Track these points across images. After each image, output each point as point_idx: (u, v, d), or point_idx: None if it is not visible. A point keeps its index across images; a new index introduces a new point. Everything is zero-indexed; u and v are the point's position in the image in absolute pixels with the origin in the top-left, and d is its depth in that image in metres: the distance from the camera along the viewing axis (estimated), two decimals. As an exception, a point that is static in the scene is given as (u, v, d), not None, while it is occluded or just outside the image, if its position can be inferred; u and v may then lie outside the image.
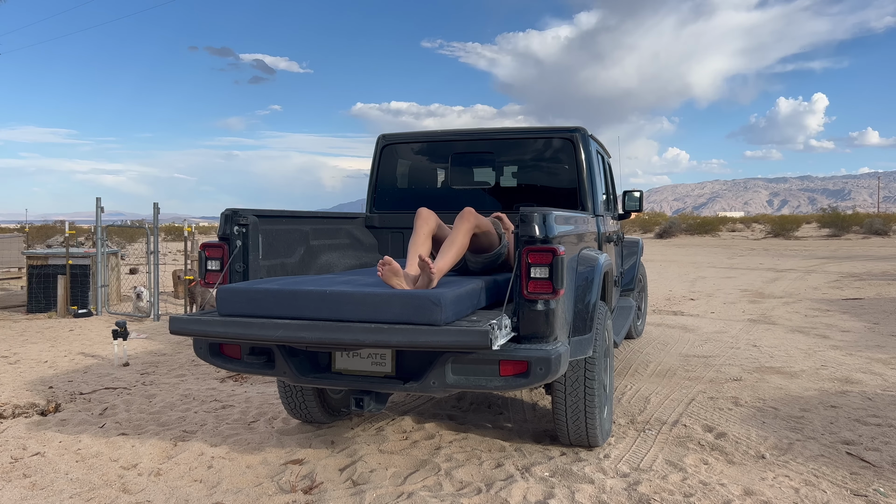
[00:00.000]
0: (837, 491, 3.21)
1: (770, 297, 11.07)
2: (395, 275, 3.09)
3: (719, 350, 6.64)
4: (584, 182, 4.67)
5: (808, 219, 41.29)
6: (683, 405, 4.67)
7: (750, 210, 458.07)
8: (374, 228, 5.06)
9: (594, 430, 3.63)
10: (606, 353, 3.93)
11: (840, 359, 6.15)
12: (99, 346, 7.19)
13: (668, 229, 38.53)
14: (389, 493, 3.23)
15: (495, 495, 3.16)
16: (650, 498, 3.11)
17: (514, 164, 5.06)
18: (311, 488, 3.31)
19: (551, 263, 3.01)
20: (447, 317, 2.86)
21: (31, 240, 17.79)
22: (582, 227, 3.88)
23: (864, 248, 24.66)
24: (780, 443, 3.87)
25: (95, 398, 5.01)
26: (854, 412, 4.46)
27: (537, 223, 3.05)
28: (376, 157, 5.23)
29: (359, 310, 2.92)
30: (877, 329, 7.76)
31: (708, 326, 8.12)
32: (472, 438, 4.01)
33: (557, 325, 3.08)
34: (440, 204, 5.10)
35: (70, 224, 12.72)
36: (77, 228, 25.43)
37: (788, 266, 17.34)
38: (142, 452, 3.82)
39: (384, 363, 3.21)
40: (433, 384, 3.03)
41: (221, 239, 3.64)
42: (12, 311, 9.98)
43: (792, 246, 27.69)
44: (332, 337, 2.89)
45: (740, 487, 3.24)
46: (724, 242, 32.07)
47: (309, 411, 4.17)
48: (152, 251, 9.53)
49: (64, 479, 3.43)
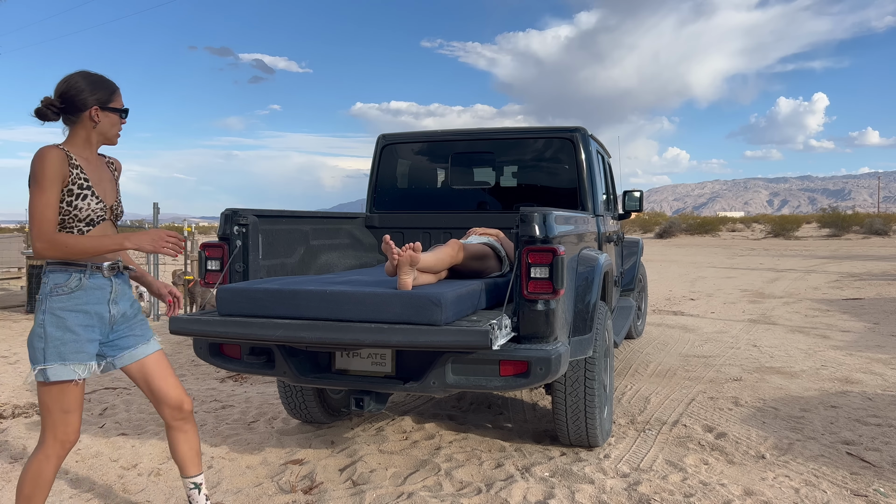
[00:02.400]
0: (837, 491, 3.21)
1: (770, 297, 11.07)
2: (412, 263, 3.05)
3: (719, 350, 6.63)
4: (584, 182, 4.67)
5: (808, 219, 41.31)
6: (683, 405, 4.67)
7: (750, 210, 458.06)
8: (374, 228, 5.05)
9: (594, 430, 3.63)
10: (606, 353, 3.93)
11: (840, 359, 6.15)
12: (99, 345, 7.20)
13: (668, 229, 38.54)
14: (389, 493, 3.23)
15: (495, 495, 3.16)
16: (650, 498, 3.11)
17: (514, 164, 5.06)
18: (311, 488, 3.31)
19: (551, 263, 3.01)
20: (447, 317, 2.85)
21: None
22: (582, 227, 3.88)
23: (864, 248, 24.66)
24: (781, 443, 3.87)
25: (95, 398, 5.01)
26: (854, 412, 4.46)
27: (537, 223, 3.05)
28: (376, 157, 5.22)
29: (359, 309, 2.91)
30: (877, 329, 7.76)
31: (708, 326, 8.12)
32: (472, 438, 4.01)
33: (557, 325, 3.08)
34: (440, 204, 5.10)
35: (70, 224, 12.70)
36: (77, 228, 25.37)
37: (788, 266, 17.34)
38: (142, 452, 3.82)
39: (384, 363, 3.21)
40: (433, 384, 3.03)
41: (221, 239, 3.64)
42: (12, 311, 9.98)
43: (792, 246, 27.70)
44: (332, 337, 2.88)
45: (740, 487, 3.24)
46: (724, 242, 32.08)
47: (309, 411, 4.17)
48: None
49: (64, 479, 3.43)
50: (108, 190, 2.53)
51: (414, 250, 3.03)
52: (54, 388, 2.36)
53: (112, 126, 2.50)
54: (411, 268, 3.06)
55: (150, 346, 2.59)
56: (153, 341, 2.61)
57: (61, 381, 2.35)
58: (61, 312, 2.36)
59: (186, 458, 2.67)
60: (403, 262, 3.03)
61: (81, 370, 2.38)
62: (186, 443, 2.65)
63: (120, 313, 2.51)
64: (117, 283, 2.50)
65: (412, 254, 3.03)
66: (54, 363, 2.33)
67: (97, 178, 2.48)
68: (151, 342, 2.60)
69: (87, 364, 2.40)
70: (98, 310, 2.43)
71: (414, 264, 3.06)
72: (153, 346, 2.60)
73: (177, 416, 2.61)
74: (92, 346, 2.43)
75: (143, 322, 2.62)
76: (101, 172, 2.52)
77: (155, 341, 2.62)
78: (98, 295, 2.44)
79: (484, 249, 3.74)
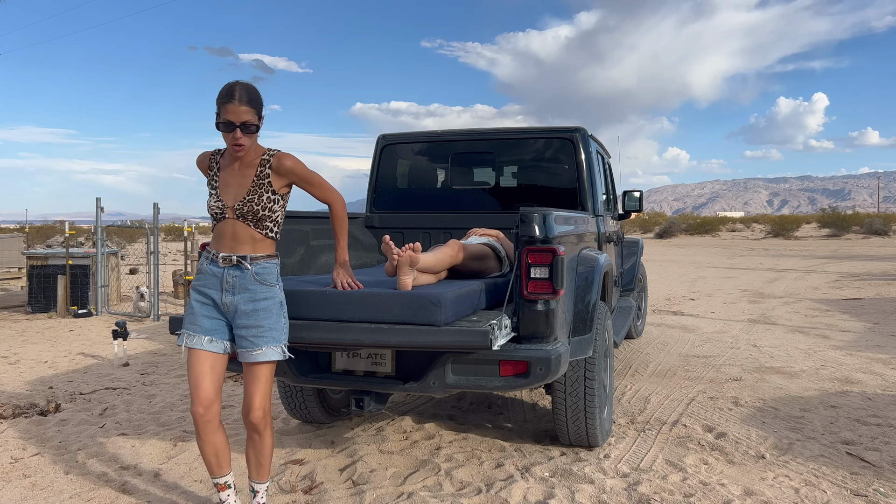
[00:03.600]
0: (837, 491, 3.21)
1: (770, 297, 11.07)
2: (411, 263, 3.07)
3: (719, 350, 6.64)
4: (584, 182, 4.67)
5: (808, 219, 41.30)
6: (683, 405, 4.68)
7: (750, 210, 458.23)
8: (374, 228, 5.06)
9: (594, 430, 3.63)
10: (606, 353, 3.93)
11: (840, 359, 6.15)
12: (99, 346, 7.20)
13: (668, 229, 38.53)
14: (389, 493, 3.23)
15: (495, 495, 3.17)
16: (650, 498, 3.11)
17: (514, 165, 5.06)
18: (311, 488, 3.31)
19: (551, 264, 3.01)
20: (447, 317, 2.86)
21: (31, 240, 17.79)
22: (582, 227, 3.88)
23: (864, 248, 24.66)
24: (780, 443, 3.87)
25: (95, 398, 5.01)
26: (854, 412, 4.46)
27: (537, 223, 3.05)
28: (376, 157, 5.23)
29: (358, 310, 2.92)
30: (877, 329, 7.76)
31: (708, 326, 8.13)
32: (472, 438, 4.01)
33: (557, 325, 3.08)
34: (440, 204, 5.10)
35: (70, 224, 12.72)
36: (77, 228, 25.44)
37: (788, 266, 17.35)
38: (142, 452, 3.82)
39: (384, 363, 3.21)
40: (433, 384, 3.03)
41: None
42: (12, 311, 9.98)
43: (792, 246, 27.70)
44: (332, 337, 2.89)
45: (740, 487, 3.24)
46: (724, 242, 32.08)
47: (309, 411, 4.18)
48: (152, 251, 9.54)
49: (64, 479, 3.43)
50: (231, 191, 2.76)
51: (414, 250, 3.03)
52: (188, 354, 2.71)
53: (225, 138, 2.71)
54: (411, 268, 3.06)
55: (254, 355, 2.69)
56: (259, 352, 2.68)
57: (184, 346, 2.70)
58: (192, 289, 2.77)
59: (250, 463, 2.85)
60: (403, 262, 3.03)
61: (190, 339, 2.69)
62: (252, 449, 2.82)
63: (234, 306, 2.69)
64: (232, 274, 2.69)
65: (412, 254, 3.03)
66: (182, 331, 2.73)
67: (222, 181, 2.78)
68: (257, 352, 2.68)
69: (196, 336, 2.69)
70: (212, 294, 2.71)
71: (414, 265, 3.06)
72: (256, 357, 2.69)
73: (246, 423, 2.76)
74: (207, 322, 2.70)
75: (260, 329, 2.69)
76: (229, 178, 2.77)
77: (262, 353, 2.68)
78: (213, 281, 2.72)
79: (484, 249, 3.74)
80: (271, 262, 2.75)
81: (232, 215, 2.70)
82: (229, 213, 2.70)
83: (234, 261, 2.68)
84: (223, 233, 2.72)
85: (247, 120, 2.62)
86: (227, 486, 2.83)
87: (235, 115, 2.60)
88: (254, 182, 2.71)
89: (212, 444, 2.74)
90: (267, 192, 2.71)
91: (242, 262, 2.68)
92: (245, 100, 2.62)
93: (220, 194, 2.72)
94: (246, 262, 2.68)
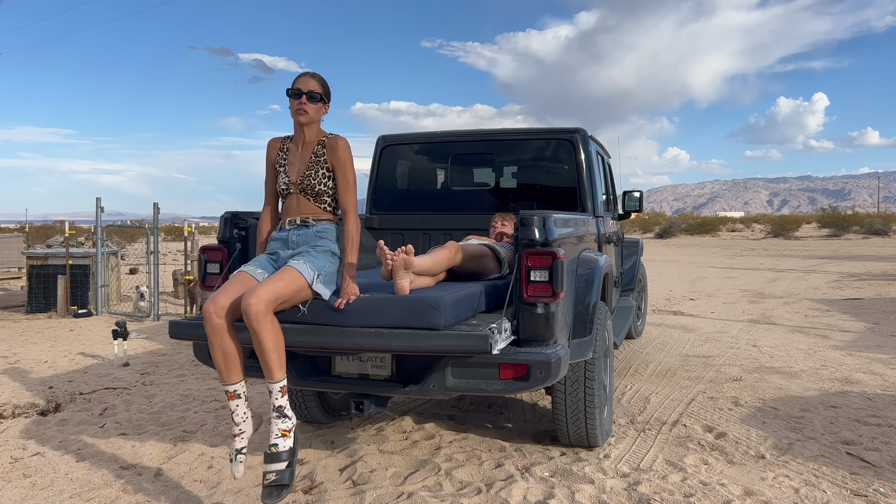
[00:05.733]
0: (837, 491, 3.21)
1: (770, 297, 11.07)
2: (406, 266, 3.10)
3: (719, 350, 6.64)
4: (583, 183, 4.67)
5: (808, 219, 41.30)
6: (683, 405, 4.68)
7: (750, 210, 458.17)
8: (374, 230, 5.06)
9: (594, 431, 3.63)
10: (606, 354, 3.93)
11: (840, 359, 6.16)
12: (99, 346, 7.20)
13: (668, 229, 38.53)
14: (389, 493, 3.23)
15: (495, 495, 3.17)
16: (650, 498, 3.12)
17: (513, 165, 5.06)
18: (311, 488, 3.31)
19: (551, 267, 3.01)
20: (446, 320, 2.85)
21: (31, 240, 17.79)
22: (582, 228, 3.88)
23: (863, 248, 24.66)
24: (780, 443, 3.88)
25: (95, 398, 5.02)
26: (854, 412, 4.47)
27: (537, 226, 3.05)
28: (376, 157, 5.22)
29: (358, 314, 2.91)
30: (877, 329, 7.76)
31: (708, 326, 8.13)
32: (472, 438, 4.01)
33: (557, 328, 3.08)
34: (440, 205, 5.09)
35: (70, 224, 12.70)
36: (77, 228, 25.42)
37: (788, 266, 17.35)
38: (142, 452, 3.82)
39: (384, 366, 3.21)
40: (433, 387, 3.03)
41: (221, 242, 3.64)
42: (12, 311, 9.98)
43: (792, 246, 27.70)
44: (332, 341, 2.88)
45: (740, 487, 3.25)
46: (724, 242, 32.08)
47: (309, 412, 4.18)
48: (152, 251, 9.54)
49: (64, 479, 3.44)
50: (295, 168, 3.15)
51: (406, 253, 3.03)
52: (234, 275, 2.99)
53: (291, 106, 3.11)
54: (406, 271, 3.06)
55: (289, 262, 2.93)
56: (295, 262, 2.91)
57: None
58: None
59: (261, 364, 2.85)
60: (398, 266, 3.03)
61: (244, 267, 3.01)
62: (256, 349, 2.80)
63: (288, 255, 3.05)
64: (296, 234, 3.10)
65: (405, 257, 3.03)
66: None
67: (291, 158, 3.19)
68: (292, 261, 2.92)
69: (250, 266, 3.00)
70: (278, 250, 3.13)
71: (408, 268, 3.06)
72: (290, 263, 2.92)
73: (243, 313, 2.74)
74: (266, 261, 3.06)
75: (307, 255, 2.98)
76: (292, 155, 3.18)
77: (297, 263, 2.90)
78: (279, 244, 3.14)
79: (482, 250, 3.73)
80: (331, 223, 3.14)
81: (295, 190, 3.12)
82: (293, 188, 3.12)
83: (298, 222, 3.10)
84: (290, 207, 3.14)
85: (312, 89, 3.06)
86: (236, 394, 2.88)
87: (304, 85, 3.06)
88: (311, 159, 3.11)
89: (220, 348, 2.81)
90: (322, 168, 3.10)
91: (306, 221, 3.09)
92: (315, 77, 3.11)
93: (287, 171, 3.14)
94: (309, 221, 3.09)
